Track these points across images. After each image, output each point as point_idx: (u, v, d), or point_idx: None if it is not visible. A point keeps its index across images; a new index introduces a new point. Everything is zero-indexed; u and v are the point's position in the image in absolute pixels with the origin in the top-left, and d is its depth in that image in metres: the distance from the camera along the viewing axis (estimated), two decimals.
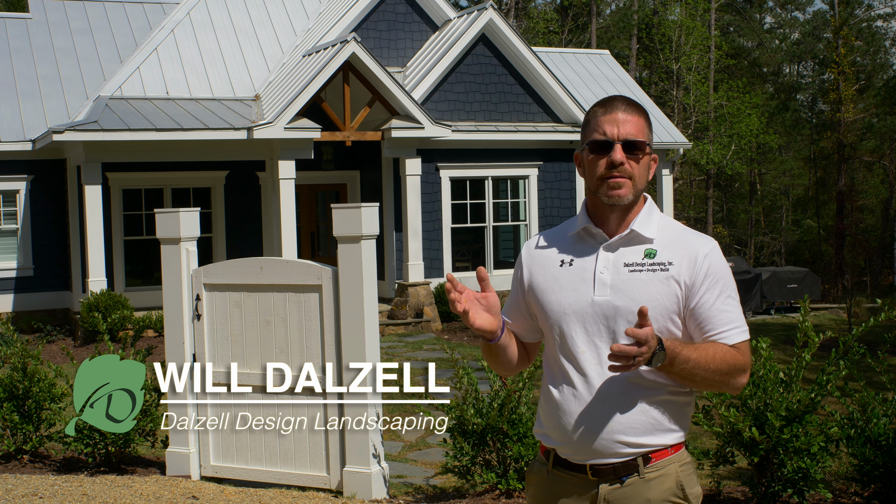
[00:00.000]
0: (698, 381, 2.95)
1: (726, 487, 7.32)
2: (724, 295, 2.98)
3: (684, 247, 3.01)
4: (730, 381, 2.98)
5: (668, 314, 2.97)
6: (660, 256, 3.00)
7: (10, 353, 8.81)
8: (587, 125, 3.06)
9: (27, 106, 20.57)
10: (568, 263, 3.08)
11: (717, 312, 2.97)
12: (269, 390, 7.75)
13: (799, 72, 55.51)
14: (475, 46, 20.70)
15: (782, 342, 16.39)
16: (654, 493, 2.98)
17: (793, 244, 48.60)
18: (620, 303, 2.96)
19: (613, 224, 3.06)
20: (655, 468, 2.98)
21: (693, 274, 2.97)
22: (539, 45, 40.15)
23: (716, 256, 3.01)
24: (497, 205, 21.49)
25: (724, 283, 2.99)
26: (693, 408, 3.11)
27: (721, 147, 39.50)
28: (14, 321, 19.59)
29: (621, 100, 3.05)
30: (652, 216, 3.07)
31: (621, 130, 2.98)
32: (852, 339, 6.55)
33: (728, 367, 2.94)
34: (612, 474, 2.99)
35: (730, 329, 2.97)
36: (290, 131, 18.03)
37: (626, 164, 2.98)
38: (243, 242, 20.47)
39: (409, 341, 17.36)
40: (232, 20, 21.76)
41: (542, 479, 3.15)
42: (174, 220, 8.12)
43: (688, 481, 3.02)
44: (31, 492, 7.47)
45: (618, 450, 2.96)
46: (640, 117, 3.03)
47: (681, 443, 3.05)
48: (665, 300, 2.96)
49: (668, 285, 2.96)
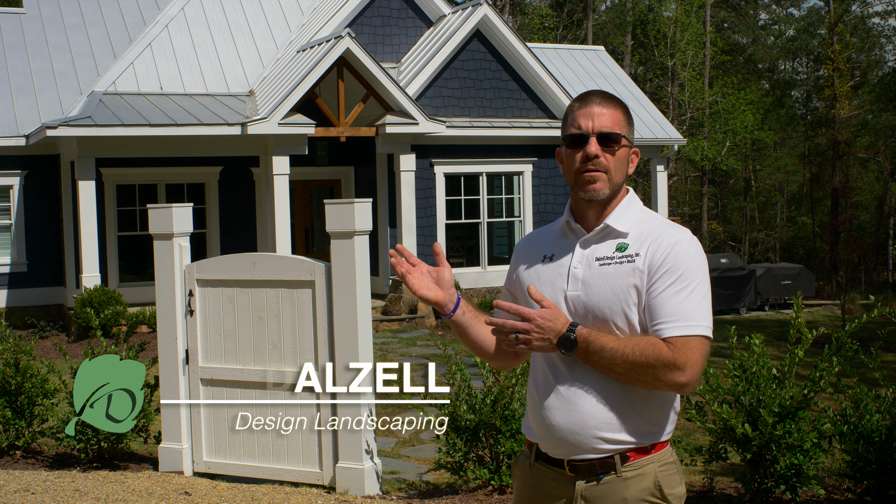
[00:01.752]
0: (619, 373, 2.86)
1: (719, 483, 7.32)
2: (680, 286, 2.87)
3: (654, 238, 2.96)
4: (658, 377, 2.83)
5: (630, 305, 2.91)
6: (630, 249, 2.97)
7: (3, 349, 8.79)
8: (565, 120, 3.06)
9: (21, 101, 20.52)
10: (549, 258, 3.09)
11: (664, 302, 2.86)
12: (263, 387, 7.74)
13: (794, 68, 55.54)
14: (470, 42, 20.69)
15: (776, 338, 16.40)
16: (630, 493, 2.95)
17: (787, 240, 48.64)
18: (588, 298, 2.95)
19: (592, 219, 3.05)
20: (633, 467, 2.96)
21: (654, 262, 2.90)
22: (534, 41, 40.13)
23: (682, 247, 2.91)
24: (491, 201, 21.48)
25: (684, 275, 2.88)
26: (677, 407, 3.06)
27: (716, 143, 39.53)
28: (7, 317, 19.55)
29: (597, 93, 3.04)
30: (630, 210, 3.05)
31: (596, 123, 2.97)
32: (845, 336, 6.55)
33: (648, 359, 2.81)
34: (588, 471, 2.97)
35: (670, 321, 2.85)
36: (284, 127, 18.00)
37: (602, 157, 2.97)
38: (237, 238, 20.44)
39: (404, 337, 17.35)
40: (226, 15, 21.72)
41: (526, 472, 3.16)
42: (167, 215, 8.10)
43: (667, 482, 2.98)
44: (23, 487, 7.46)
45: (595, 445, 2.94)
46: (617, 110, 3.01)
47: (663, 442, 3.00)
48: (627, 292, 2.91)
49: (633, 276, 2.91)
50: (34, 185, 20.13)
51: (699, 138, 39.70)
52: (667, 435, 3.03)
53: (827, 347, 6.53)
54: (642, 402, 2.95)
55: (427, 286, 3.05)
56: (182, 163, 19.93)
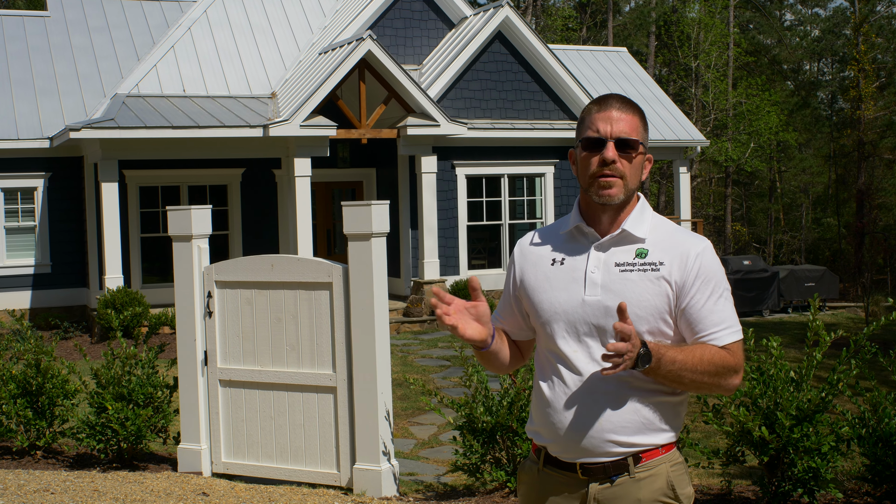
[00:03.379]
0: (687, 384, 2.92)
1: (737, 487, 7.28)
2: (716, 295, 2.95)
3: (676, 246, 2.98)
4: (720, 383, 2.95)
5: (660, 314, 2.94)
6: (651, 256, 2.98)
7: (24, 350, 8.85)
8: (582, 122, 3.05)
9: (45, 104, 20.68)
10: (559, 262, 3.06)
11: (708, 313, 2.94)
12: (280, 387, 7.76)
13: (819, 69, 55.19)
14: (491, 44, 20.68)
15: (799, 341, 16.27)
16: (644, 493, 2.95)
17: (813, 242, 48.31)
18: (611, 303, 2.93)
19: (605, 223, 3.04)
20: (646, 468, 2.96)
21: (684, 274, 2.95)
22: (557, 42, 40.09)
23: (707, 256, 2.98)
24: (513, 202, 21.46)
25: (716, 284, 2.96)
26: (685, 408, 3.08)
27: (739, 145, 39.35)
28: (31, 318, 19.71)
29: (616, 98, 3.02)
30: (644, 216, 3.05)
31: (615, 128, 2.96)
32: (863, 338, 6.50)
33: (716, 368, 2.91)
34: (601, 473, 2.97)
35: (720, 330, 2.94)
36: (305, 129, 18.06)
37: (619, 162, 2.96)
38: (259, 240, 20.52)
39: (425, 339, 17.36)
40: (249, 18, 21.80)
41: (533, 477, 3.13)
42: (186, 217, 8.13)
43: (679, 481, 3.00)
44: (42, 487, 7.51)
45: (608, 449, 2.94)
46: (635, 116, 3.00)
47: (672, 443, 3.02)
48: (656, 300, 2.94)
49: (659, 285, 2.94)
50: (58, 187, 20.28)
51: (723, 140, 39.52)
52: (676, 436, 3.04)
53: (844, 350, 6.47)
54: (656, 405, 2.96)
55: (470, 326, 2.99)
56: (204, 164, 20.03)
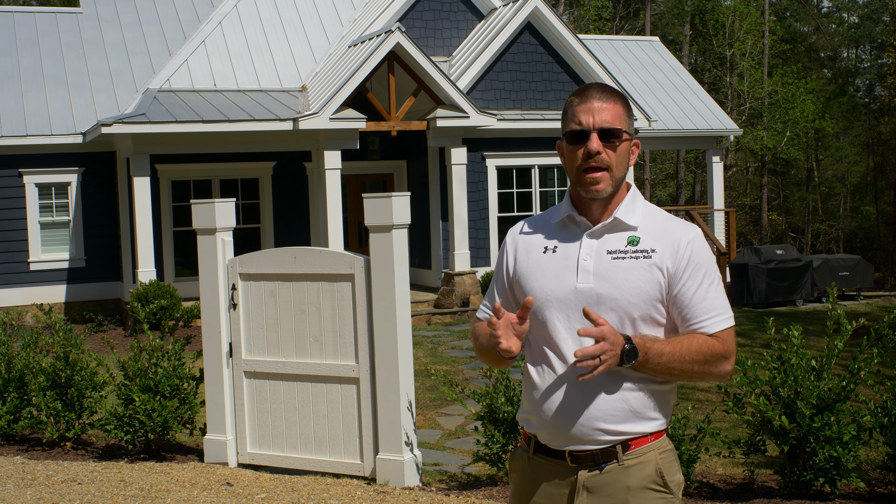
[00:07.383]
0: (677, 374, 2.93)
1: (760, 476, 7.25)
2: (707, 282, 2.97)
3: (667, 234, 2.99)
4: (711, 370, 2.97)
5: (652, 301, 2.95)
6: (643, 244, 2.98)
7: (52, 343, 8.97)
8: (565, 115, 3.05)
9: (78, 99, 20.88)
10: (552, 250, 3.07)
11: (700, 300, 2.95)
12: (304, 378, 7.82)
13: (857, 56, 54.60)
14: (520, 35, 20.63)
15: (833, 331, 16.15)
16: (633, 480, 2.96)
17: (851, 231, 47.84)
18: (603, 290, 2.94)
19: (597, 212, 3.05)
20: (634, 455, 2.97)
21: (676, 261, 2.96)
22: (591, 32, 39.92)
23: (698, 244, 2.99)
24: (544, 193, 21.41)
25: (707, 271, 2.98)
26: (675, 395, 3.09)
27: (775, 133, 39.02)
28: (66, 311, 19.94)
29: (597, 87, 3.02)
30: (636, 204, 3.06)
31: (597, 119, 2.96)
32: (885, 327, 6.45)
33: (705, 357, 2.92)
34: (590, 461, 2.98)
35: (712, 317, 2.96)
36: (335, 122, 18.12)
37: (603, 153, 2.96)
38: (290, 232, 20.62)
39: (455, 330, 17.37)
40: (279, 12, 21.88)
41: (524, 465, 3.15)
42: (210, 210, 8.20)
43: (668, 469, 3.00)
44: (70, 478, 7.61)
45: (597, 437, 2.95)
46: (617, 104, 3.00)
47: (661, 430, 3.02)
48: (648, 287, 2.94)
49: (651, 273, 2.95)
50: (91, 182, 20.48)
51: (758, 128, 39.21)
52: (666, 423, 3.04)
53: (865, 338, 6.43)
54: (645, 393, 2.96)
55: (511, 341, 2.95)
56: (236, 158, 20.14)
